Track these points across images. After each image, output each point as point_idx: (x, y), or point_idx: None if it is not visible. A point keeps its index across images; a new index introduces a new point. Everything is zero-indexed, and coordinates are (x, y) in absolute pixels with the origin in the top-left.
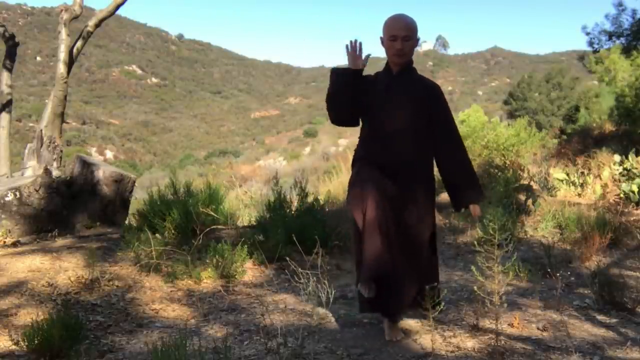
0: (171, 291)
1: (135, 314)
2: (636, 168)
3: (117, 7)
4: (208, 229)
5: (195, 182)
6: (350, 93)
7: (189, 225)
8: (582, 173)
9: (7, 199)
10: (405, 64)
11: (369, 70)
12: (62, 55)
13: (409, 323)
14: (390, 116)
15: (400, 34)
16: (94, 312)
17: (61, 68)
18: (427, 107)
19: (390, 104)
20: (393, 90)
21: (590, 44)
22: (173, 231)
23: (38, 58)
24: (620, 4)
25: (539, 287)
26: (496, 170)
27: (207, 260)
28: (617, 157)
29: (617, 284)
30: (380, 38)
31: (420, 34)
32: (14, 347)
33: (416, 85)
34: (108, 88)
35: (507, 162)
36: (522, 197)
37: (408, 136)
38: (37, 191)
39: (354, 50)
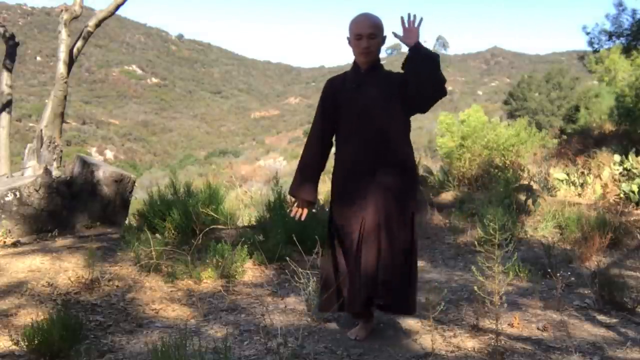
0: (171, 291)
1: (135, 314)
2: (636, 168)
3: (117, 7)
4: (208, 229)
5: (195, 182)
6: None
7: (189, 225)
8: (582, 173)
9: (7, 199)
10: (373, 61)
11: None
12: (62, 55)
13: (409, 323)
14: (363, 113)
15: (366, 32)
16: (94, 312)
17: (61, 68)
18: (398, 94)
19: (361, 101)
20: (363, 87)
21: (590, 44)
22: (173, 231)
23: (38, 58)
24: (620, 4)
25: (539, 287)
26: (496, 170)
27: (207, 260)
28: (617, 157)
29: (617, 284)
30: (347, 38)
31: (422, 34)
32: (14, 347)
33: (385, 79)
34: (108, 88)
35: (507, 162)
36: (522, 197)
37: (384, 130)
38: (37, 191)
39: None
